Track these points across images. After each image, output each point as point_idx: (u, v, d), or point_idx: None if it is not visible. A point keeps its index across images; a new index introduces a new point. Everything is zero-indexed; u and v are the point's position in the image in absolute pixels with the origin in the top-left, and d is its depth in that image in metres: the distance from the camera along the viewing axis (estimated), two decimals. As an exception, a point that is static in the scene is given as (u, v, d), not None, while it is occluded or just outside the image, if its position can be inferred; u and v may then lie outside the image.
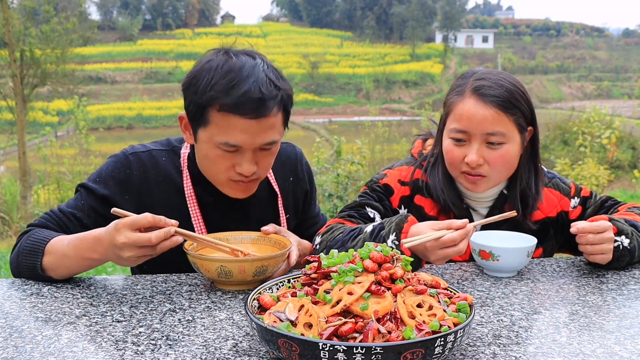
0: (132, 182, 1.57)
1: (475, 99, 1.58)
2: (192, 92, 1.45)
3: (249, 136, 1.43)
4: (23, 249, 1.45)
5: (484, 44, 61.78)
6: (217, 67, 1.43)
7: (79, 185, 1.60)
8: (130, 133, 28.80)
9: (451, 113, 1.63)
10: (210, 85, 1.41)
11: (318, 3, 68.46)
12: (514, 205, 1.68)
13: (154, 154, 1.62)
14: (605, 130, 10.45)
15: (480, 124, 1.56)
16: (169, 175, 1.60)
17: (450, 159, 1.64)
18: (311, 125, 29.67)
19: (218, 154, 1.47)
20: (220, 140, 1.44)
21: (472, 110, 1.57)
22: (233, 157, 1.47)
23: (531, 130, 1.67)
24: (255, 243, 1.54)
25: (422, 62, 48.17)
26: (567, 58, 54.24)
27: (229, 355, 1.05)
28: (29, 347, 1.07)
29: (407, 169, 1.77)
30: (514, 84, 1.61)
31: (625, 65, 52.28)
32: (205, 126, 1.45)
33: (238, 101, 1.39)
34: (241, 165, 1.47)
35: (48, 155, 10.85)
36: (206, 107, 1.43)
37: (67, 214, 1.55)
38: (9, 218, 8.27)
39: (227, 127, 1.42)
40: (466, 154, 1.59)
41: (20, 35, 10.40)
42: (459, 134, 1.60)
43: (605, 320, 1.23)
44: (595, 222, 1.51)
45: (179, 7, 64.79)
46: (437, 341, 0.93)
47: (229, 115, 1.41)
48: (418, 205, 1.73)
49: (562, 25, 70.93)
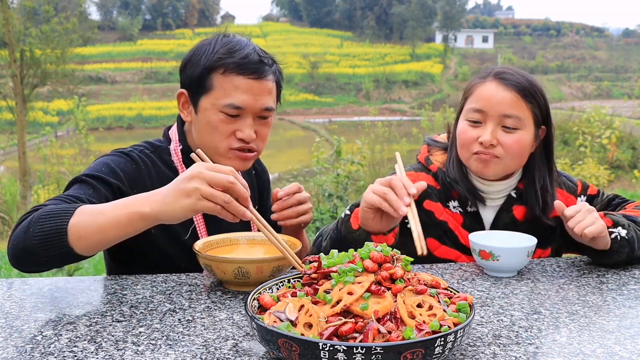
0: (141, 177, 1.55)
1: (497, 82, 1.63)
2: (194, 64, 1.54)
3: (252, 97, 1.51)
4: (41, 216, 1.25)
5: (484, 44, 61.81)
6: (216, 41, 1.55)
7: (86, 176, 1.46)
8: (130, 133, 28.79)
9: (471, 95, 1.66)
10: (214, 52, 1.51)
11: (318, 3, 68.47)
12: (527, 205, 1.70)
13: (147, 152, 1.61)
14: (605, 130, 10.47)
15: (498, 105, 1.60)
16: (166, 174, 1.60)
17: (463, 140, 1.65)
18: (311, 125, 29.70)
19: (220, 119, 1.52)
20: (225, 103, 1.51)
21: (492, 91, 1.61)
22: (234, 123, 1.53)
23: (544, 130, 1.69)
24: (265, 244, 1.54)
25: (422, 62, 48.19)
26: (567, 58, 54.25)
27: (229, 355, 1.05)
28: (29, 347, 1.07)
29: (414, 174, 1.76)
30: (535, 80, 1.67)
31: (625, 65, 52.28)
32: (208, 92, 1.52)
33: (241, 62, 1.50)
34: (242, 131, 1.53)
35: (48, 155, 10.87)
36: (210, 72, 1.51)
37: (82, 200, 1.38)
38: (9, 218, 8.28)
39: (230, 88, 1.50)
40: (480, 135, 1.61)
41: (20, 35, 10.41)
42: (475, 114, 1.62)
43: (605, 320, 1.23)
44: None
45: (179, 7, 64.83)
46: (437, 341, 0.93)
47: (233, 76, 1.50)
48: (428, 210, 1.72)
49: (562, 25, 70.97)
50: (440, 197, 1.73)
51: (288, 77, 42.33)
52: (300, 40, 54.01)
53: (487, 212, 1.73)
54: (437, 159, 1.78)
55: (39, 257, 1.25)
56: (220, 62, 1.50)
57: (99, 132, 20.88)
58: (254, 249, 1.52)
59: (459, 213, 1.71)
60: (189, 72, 1.55)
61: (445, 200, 1.72)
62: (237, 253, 1.49)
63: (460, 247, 1.70)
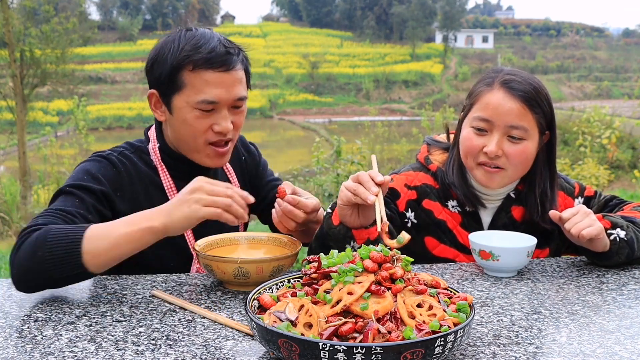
0: (121, 180, 1.56)
1: (504, 91, 1.61)
2: (161, 63, 1.52)
3: (224, 90, 1.51)
4: (47, 238, 1.26)
5: (484, 44, 61.78)
6: (180, 37, 1.53)
7: (69, 187, 1.46)
8: (130, 133, 28.76)
9: (477, 102, 1.64)
10: (179, 49, 1.50)
11: (318, 3, 68.48)
12: (525, 207, 1.70)
13: (126, 154, 1.61)
14: (605, 130, 10.46)
15: (505, 116, 1.59)
16: (147, 173, 1.61)
17: (468, 148, 1.65)
18: (311, 125, 29.67)
19: (196, 116, 1.52)
20: (198, 99, 1.50)
21: (499, 101, 1.60)
22: (210, 117, 1.53)
23: (548, 134, 1.69)
24: (265, 243, 1.54)
25: (422, 62, 48.14)
26: (567, 58, 54.21)
27: (229, 355, 1.05)
28: (29, 347, 1.07)
29: (413, 174, 1.77)
30: (541, 86, 1.66)
31: (625, 65, 52.24)
32: (179, 91, 1.51)
33: (208, 56, 1.48)
34: (219, 124, 1.53)
35: (48, 155, 10.86)
36: (178, 70, 1.50)
37: (72, 213, 1.40)
38: (9, 218, 8.27)
39: (202, 84, 1.49)
40: (485, 144, 1.61)
41: (20, 35, 10.39)
42: (482, 122, 1.62)
43: (605, 320, 1.23)
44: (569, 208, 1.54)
45: (179, 7, 64.81)
46: (437, 341, 0.93)
47: (202, 71, 1.49)
48: (427, 209, 1.72)
49: (562, 25, 70.96)
50: (439, 197, 1.73)
51: (288, 77, 42.35)
52: (300, 40, 53.98)
53: (486, 212, 1.73)
54: (437, 158, 1.78)
55: (50, 279, 1.28)
56: (188, 59, 1.48)
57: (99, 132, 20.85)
58: (254, 249, 1.52)
59: (458, 212, 1.72)
60: (157, 71, 1.53)
61: (444, 200, 1.73)
62: (237, 253, 1.49)
63: (458, 247, 1.71)
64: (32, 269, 1.27)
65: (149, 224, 1.30)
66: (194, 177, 1.59)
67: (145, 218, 1.31)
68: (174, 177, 1.62)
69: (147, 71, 1.58)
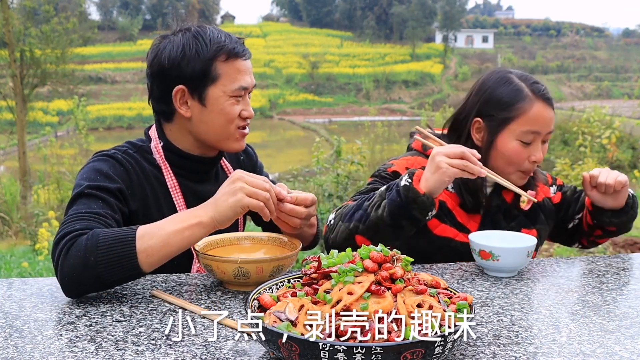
0: (130, 178, 1.56)
1: (542, 102, 1.72)
2: (191, 58, 1.54)
3: (249, 77, 1.60)
4: (99, 243, 1.27)
5: (484, 44, 61.75)
6: (199, 33, 1.56)
7: (87, 188, 1.44)
8: (130, 133, 28.76)
9: (521, 117, 1.71)
10: (210, 43, 1.55)
11: (318, 3, 68.46)
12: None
13: (130, 153, 1.61)
14: (605, 130, 10.45)
15: (547, 125, 1.73)
16: (151, 172, 1.61)
17: (517, 159, 1.74)
18: (311, 125, 29.68)
19: (232, 103, 1.58)
20: (236, 87, 1.56)
21: (542, 113, 1.72)
22: (239, 104, 1.60)
23: None
24: (265, 243, 1.54)
25: (422, 62, 48.13)
26: (567, 58, 54.20)
27: (229, 355, 1.05)
28: (29, 347, 1.07)
29: (412, 158, 1.82)
30: None
31: (625, 65, 52.23)
32: (215, 82, 1.56)
33: (236, 45, 1.57)
34: (247, 109, 1.61)
35: (48, 155, 10.86)
36: (212, 63, 1.54)
37: (102, 214, 1.40)
38: (9, 218, 8.27)
39: (235, 72, 1.57)
40: (530, 154, 1.72)
41: (20, 35, 10.41)
42: (530, 135, 1.71)
43: (605, 320, 1.23)
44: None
45: (179, 7, 64.81)
46: (437, 341, 0.93)
47: (235, 60, 1.56)
48: None
49: (562, 25, 70.92)
50: None
51: (288, 77, 42.33)
52: (300, 40, 53.95)
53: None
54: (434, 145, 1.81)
55: (103, 282, 1.30)
56: (222, 50, 1.55)
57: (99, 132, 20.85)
58: (254, 249, 1.53)
59: (456, 194, 1.79)
60: (188, 68, 1.53)
61: None
62: (237, 253, 1.49)
63: (457, 226, 1.77)
64: (86, 274, 1.27)
65: (197, 220, 1.33)
66: (198, 175, 1.64)
67: (193, 215, 1.35)
68: (177, 175, 1.63)
69: (169, 69, 1.54)
